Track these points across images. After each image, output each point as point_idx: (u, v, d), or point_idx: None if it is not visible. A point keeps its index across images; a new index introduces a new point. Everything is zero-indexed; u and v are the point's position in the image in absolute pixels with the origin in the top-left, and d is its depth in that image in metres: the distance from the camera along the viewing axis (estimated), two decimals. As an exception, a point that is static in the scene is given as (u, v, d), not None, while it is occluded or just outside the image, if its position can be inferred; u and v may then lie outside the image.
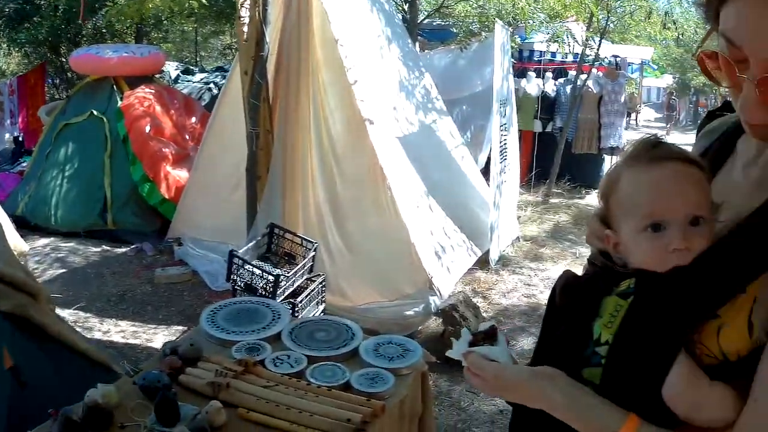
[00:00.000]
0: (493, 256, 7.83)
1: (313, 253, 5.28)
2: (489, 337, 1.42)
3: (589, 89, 12.55)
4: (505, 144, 8.44)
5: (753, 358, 1.20)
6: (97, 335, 5.84)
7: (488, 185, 8.08)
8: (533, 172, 12.45)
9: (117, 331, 5.99)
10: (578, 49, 12.29)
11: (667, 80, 34.62)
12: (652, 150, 1.40)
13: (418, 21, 11.47)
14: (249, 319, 3.45)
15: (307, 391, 2.79)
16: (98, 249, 8.10)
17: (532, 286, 7.56)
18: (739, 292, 1.22)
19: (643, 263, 1.34)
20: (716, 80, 1.39)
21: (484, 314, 6.24)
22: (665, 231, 1.32)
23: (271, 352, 3.12)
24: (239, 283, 5.03)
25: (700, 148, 1.64)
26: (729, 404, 1.21)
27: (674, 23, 13.48)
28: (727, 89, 1.30)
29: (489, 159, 8.97)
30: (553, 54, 13.92)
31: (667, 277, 1.29)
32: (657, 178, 1.35)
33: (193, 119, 9.25)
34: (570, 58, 13.80)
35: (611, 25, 12.70)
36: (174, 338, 5.64)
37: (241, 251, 5.11)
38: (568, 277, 1.47)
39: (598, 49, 11.97)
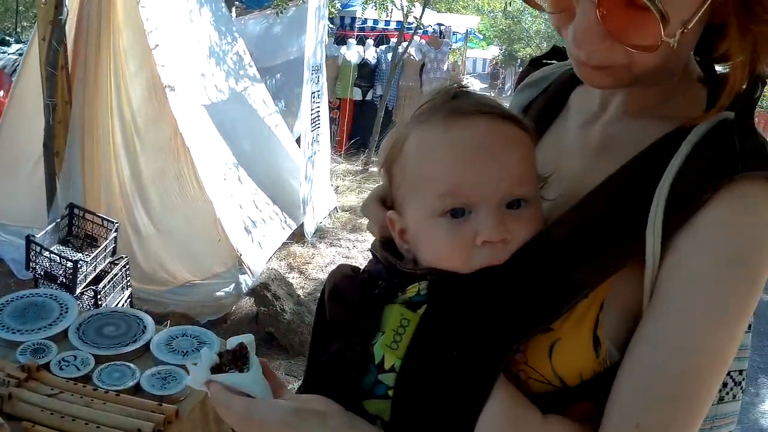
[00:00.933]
0: (309, 229, 7.76)
1: (115, 234, 5.02)
2: (238, 358, 1.04)
3: (411, 57, 12.67)
4: (317, 113, 8.33)
5: (602, 380, 0.94)
6: None
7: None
8: (352, 141, 12.43)
9: None
10: (400, 17, 12.25)
11: (493, 51, 35.25)
12: (452, 101, 1.05)
13: (236, -16, 11.23)
14: (36, 314, 3.18)
15: (94, 397, 2.59)
16: None
17: (351, 259, 7.54)
18: (582, 297, 0.93)
19: (439, 260, 1.00)
20: (540, 6, 1.07)
21: (300, 290, 6.17)
22: (471, 216, 0.98)
23: (56, 353, 2.89)
24: (39, 272, 4.71)
25: (522, 102, 1.35)
26: None
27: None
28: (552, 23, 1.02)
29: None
30: (375, 21, 13.91)
31: (473, 279, 0.97)
32: (458, 142, 0.99)
33: (1, 93, 8.74)
34: (393, 26, 13.78)
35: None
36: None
37: (39, 236, 4.80)
38: (338, 278, 1.12)
39: (421, 17, 12.03)
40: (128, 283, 5.05)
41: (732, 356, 0.93)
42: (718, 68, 1.07)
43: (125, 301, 4.94)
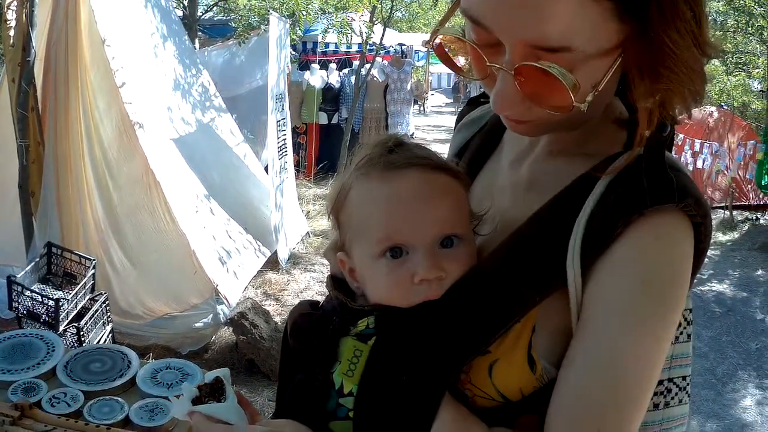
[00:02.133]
0: (283, 256, 7.87)
1: (93, 270, 5.12)
2: (215, 390, 1.17)
3: (375, 78, 12.79)
4: (284, 141, 8.47)
5: (540, 395, 1.05)
6: None
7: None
8: (320, 165, 12.52)
9: None
10: (359, 40, 12.39)
11: (457, 65, 35.51)
12: (388, 155, 1.16)
13: (199, 16, 11.30)
14: (24, 354, 3.27)
15: (86, 431, 2.73)
16: None
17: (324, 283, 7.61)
18: (514, 322, 1.04)
19: (383, 297, 1.13)
20: (461, 71, 1.19)
21: (277, 317, 6.26)
22: (408, 256, 1.11)
23: (47, 390, 2.99)
24: (22, 311, 4.79)
25: (459, 142, 1.47)
26: None
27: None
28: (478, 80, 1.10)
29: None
30: (336, 45, 14.06)
31: (414, 312, 1.09)
32: (393, 192, 1.12)
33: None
34: (355, 48, 13.86)
35: (398, 14, 12.97)
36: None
37: (20, 275, 4.88)
38: (298, 315, 1.24)
39: (382, 39, 12.15)
40: (109, 318, 5.13)
41: (659, 367, 1.03)
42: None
43: (107, 336, 5.03)
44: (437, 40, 1.12)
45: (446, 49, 1.15)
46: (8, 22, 5.56)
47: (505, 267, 1.08)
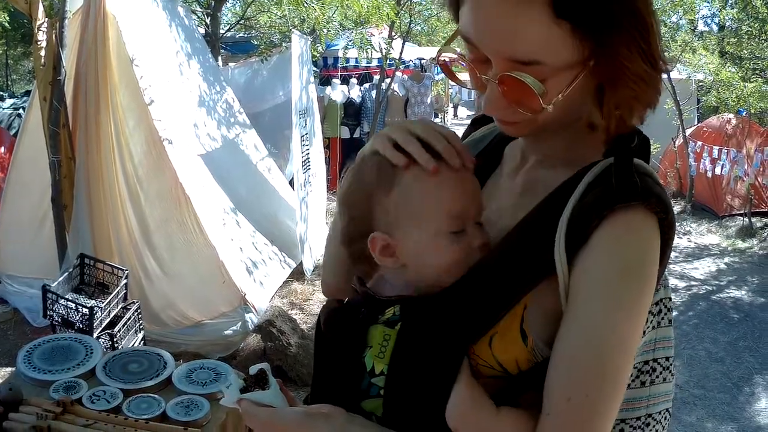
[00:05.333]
0: (308, 267, 7.98)
1: (125, 280, 5.28)
2: (259, 380, 1.33)
3: (395, 92, 12.84)
4: (307, 155, 8.57)
5: (537, 371, 1.21)
6: None
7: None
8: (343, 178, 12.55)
9: (-58, 382, 5.66)
10: (379, 55, 12.51)
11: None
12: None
13: (221, 34, 11.46)
14: (64, 356, 3.44)
15: (126, 425, 2.86)
16: None
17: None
18: (514, 303, 1.22)
19: (444, 266, 1.30)
20: (461, 82, 1.53)
21: (303, 326, 6.37)
22: (464, 231, 1.31)
23: (87, 389, 3.15)
24: (56, 319, 4.96)
25: None
26: (523, 428, 1.20)
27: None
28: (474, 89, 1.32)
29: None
30: (357, 60, 14.15)
31: (433, 300, 1.27)
32: (459, 183, 1.31)
33: (2, 149, 8.90)
34: (375, 63, 13.94)
35: (417, 28, 13.02)
36: (1, 380, 5.43)
37: (54, 285, 5.05)
38: (331, 308, 1.42)
39: (401, 53, 12.23)
40: (141, 326, 5.29)
41: (636, 343, 1.22)
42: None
43: (139, 343, 5.17)
44: (442, 58, 1.37)
45: (451, 66, 1.39)
46: (39, 43, 5.73)
47: (503, 261, 1.27)
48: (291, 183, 8.79)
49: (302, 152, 8.31)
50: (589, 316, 1.17)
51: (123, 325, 5.01)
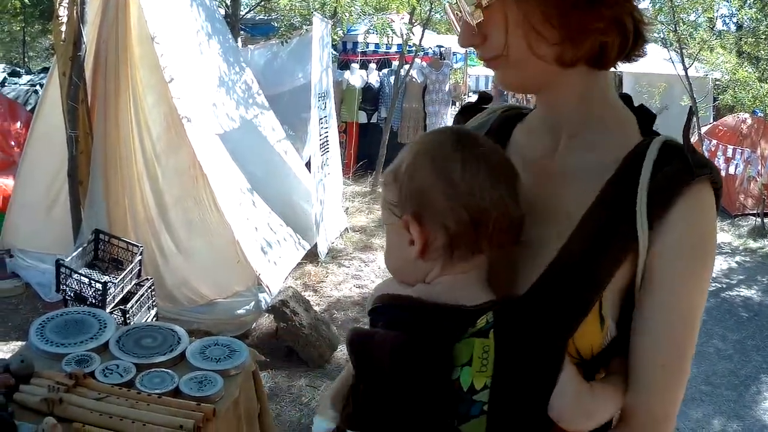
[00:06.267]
0: (322, 249, 7.97)
1: (140, 257, 5.28)
2: None
3: (413, 79, 12.80)
4: (326, 137, 8.57)
5: (606, 353, 1.28)
6: (-68, 362, 5.49)
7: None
8: (360, 163, 12.63)
9: (-47, 354, 5.65)
10: (399, 41, 12.46)
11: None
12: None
13: (241, 15, 11.43)
14: (77, 330, 3.41)
15: (138, 399, 2.83)
16: (-72, 270, 7.64)
17: (363, 278, 7.76)
18: (601, 291, 1.24)
19: None
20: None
21: (316, 307, 6.36)
22: None
23: (100, 362, 3.12)
24: (69, 294, 4.95)
25: None
26: (617, 399, 1.26)
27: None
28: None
29: (313, 153, 9.07)
30: (377, 45, 14.12)
31: (526, 298, 1.26)
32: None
33: (18, 124, 8.84)
34: (394, 48, 13.87)
35: (437, 16, 12.98)
36: (12, 354, 5.43)
37: (67, 260, 5.05)
38: (392, 347, 1.22)
39: (420, 40, 12.21)
40: (154, 303, 5.29)
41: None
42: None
43: (151, 320, 5.17)
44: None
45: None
46: (60, 19, 5.72)
47: (589, 244, 1.26)
48: (307, 166, 8.80)
49: (320, 134, 8.31)
50: (674, 289, 1.25)
51: (136, 302, 5.00)
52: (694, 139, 12.55)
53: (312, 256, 7.84)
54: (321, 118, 8.34)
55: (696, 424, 5.31)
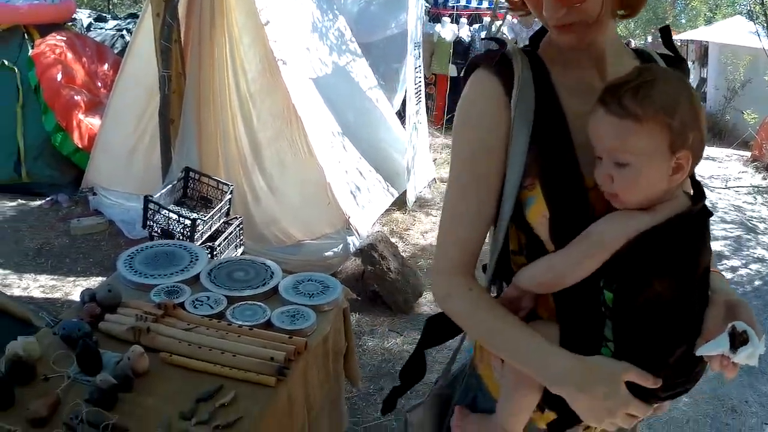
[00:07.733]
0: (410, 197, 7.88)
1: (230, 195, 5.26)
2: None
3: (504, 35, 12.58)
4: (420, 85, 8.47)
5: None
6: (17, 292, 5.61)
7: (403, 128, 8.13)
8: (449, 116, 12.43)
9: (36, 286, 5.77)
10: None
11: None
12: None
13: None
14: (167, 262, 3.38)
15: (229, 331, 2.77)
16: (14, 203, 7.74)
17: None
18: None
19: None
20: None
21: (402, 254, 6.29)
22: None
23: (190, 294, 3.08)
24: (156, 230, 4.95)
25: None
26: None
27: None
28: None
29: (403, 102, 8.96)
30: (468, 0, 13.91)
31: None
32: None
33: (106, 66, 8.91)
34: (485, 5, 13.77)
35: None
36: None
37: (156, 196, 5.04)
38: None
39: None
40: (241, 242, 5.27)
41: None
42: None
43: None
44: None
45: None
46: (152, -40, 5.68)
47: None
48: (397, 115, 8.71)
49: (415, 83, 8.21)
50: None
51: (224, 239, 4.98)
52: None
53: (399, 203, 7.76)
54: (416, 67, 8.26)
55: (764, 397, 5.03)
